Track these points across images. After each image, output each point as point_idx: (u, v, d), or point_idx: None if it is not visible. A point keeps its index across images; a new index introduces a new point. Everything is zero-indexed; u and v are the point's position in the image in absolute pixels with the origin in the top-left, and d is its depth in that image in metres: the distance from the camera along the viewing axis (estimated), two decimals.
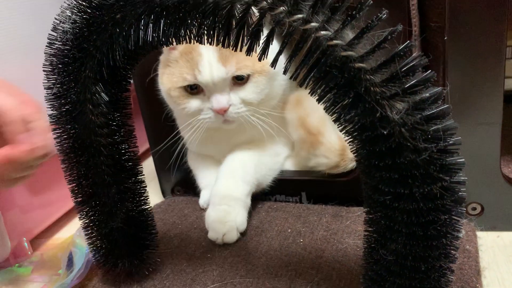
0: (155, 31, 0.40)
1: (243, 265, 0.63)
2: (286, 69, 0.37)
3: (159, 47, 0.43)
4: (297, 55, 0.36)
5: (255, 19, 0.36)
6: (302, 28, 0.34)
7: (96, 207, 0.55)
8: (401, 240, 0.40)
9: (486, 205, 0.69)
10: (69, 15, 0.43)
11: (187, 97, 0.70)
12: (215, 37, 0.38)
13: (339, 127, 0.38)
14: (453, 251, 0.40)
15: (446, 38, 0.61)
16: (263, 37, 0.36)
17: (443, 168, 0.35)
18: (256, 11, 0.35)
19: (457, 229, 0.39)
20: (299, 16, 0.34)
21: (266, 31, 0.36)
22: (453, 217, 0.38)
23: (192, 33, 0.39)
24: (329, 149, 0.74)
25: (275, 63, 0.37)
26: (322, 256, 0.64)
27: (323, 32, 0.34)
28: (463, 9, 0.60)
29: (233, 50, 0.38)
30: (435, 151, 0.34)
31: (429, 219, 0.37)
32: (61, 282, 0.66)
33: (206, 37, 0.38)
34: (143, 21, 0.40)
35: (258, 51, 0.37)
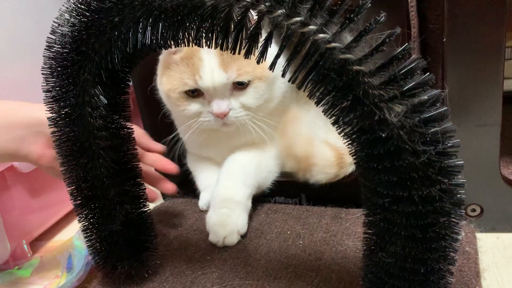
0: (154, 34, 0.40)
1: (243, 267, 0.63)
2: (284, 72, 0.37)
3: (158, 50, 0.43)
4: (295, 58, 0.36)
5: (253, 22, 0.36)
6: (300, 31, 0.34)
7: (95, 209, 0.55)
8: (400, 242, 0.40)
9: (485, 206, 0.69)
10: (68, 18, 0.43)
11: (186, 99, 0.70)
12: (214, 40, 0.38)
13: (337, 129, 0.38)
14: (453, 253, 0.40)
15: (445, 40, 0.61)
16: (261, 40, 0.36)
17: (441, 170, 0.35)
18: (254, 14, 0.35)
19: (456, 231, 0.39)
20: (297, 19, 0.34)
21: (264, 34, 0.36)
22: (452, 219, 0.38)
23: (190, 36, 0.39)
24: (325, 165, 0.74)
25: (273, 66, 0.37)
26: (321, 258, 0.63)
27: (321, 35, 0.34)
28: (461, 11, 0.60)
29: (232, 53, 0.38)
30: (433, 153, 0.34)
31: (428, 221, 0.37)
32: (60, 284, 0.66)
33: (204, 40, 0.38)
34: (141, 24, 0.40)
35: (256, 54, 0.37)
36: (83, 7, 0.42)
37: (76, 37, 0.44)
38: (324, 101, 0.37)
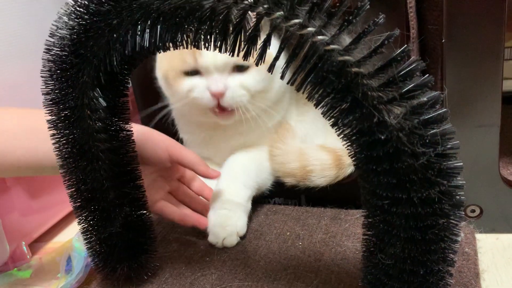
0: (152, 36, 0.40)
1: (242, 268, 0.63)
2: (283, 73, 0.37)
3: (157, 52, 0.43)
4: (294, 60, 0.36)
5: (252, 24, 0.36)
6: (299, 33, 0.34)
7: (94, 212, 0.55)
8: (399, 244, 0.40)
9: (485, 207, 0.69)
10: (66, 21, 0.43)
11: (183, 77, 0.69)
12: (212, 42, 0.38)
13: (336, 131, 0.38)
14: (452, 255, 0.40)
15: (444, 40, 0.61)
16: (260, 42, 0.36)
17: (441, 172, 0.35)
18: (253, 16, 0.35)
19: (455, 232, 0.39)
20: (296, 21, 0.34)
21: (263, 36, 0.36)
22: (452, 221, 0.38)
23: (189, 38, 0.39)
24: (323, 169, 0.74)
25: (272, 68, 0.37)
26: (321, 259, 0.63)
27: (320, 37, 0.34)
28: (460, 11, 0.60)
29: (231, 55, 0.38)
30: (433, 155, 0.34)
31: (427, 223, 0.37)
32: (60, 286, 0.66)
33: (203, 42, 0.38)
34: (139, 27, 0.40)
35: (255, 56, 0.37)
36: (81, 10, 0.42)
37: (74, 40, 0.44)
38: (323, 103, 0.37)
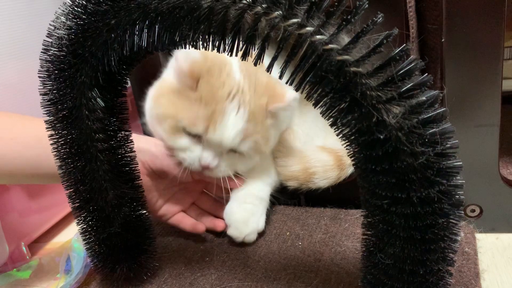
0: (150, 36, 0.39)
1: (242, 268, 0.63)
2: (282, 73, 0.37)
3: (155, 52, 0.43)
4: (293, 60, 0.36)
5: (250, 24, 0.35)
6: (297, 32, 0.34)
7: (93, 212, 0.55)
8: (399, 243, 0.39)
9: (484, 207, 0.68)
10: (64, 21, 0.43)
11: (181, 134, 0.63)
12: (211, 42, 0.37)
13: (335, 131, 0.38)
14: (452, 254, 0.40)
15: (443, 40, 0.61)
16: (258, 41, 0.36)
17: (440, 171, 0.35)
18: (251, 16, 0.35)
19: (455, 232, 0.39)
20: (294, 20, 0.34)
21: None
22: (451, 220, 0.38)
23: (187, 38, 0.38)
24: (325, 170, 0.73)
25: (270, 67, 0.37)
26: (320, 259, 0.63)
27: (319, 36, 0.33)
28: (460, 11, 0.60)
29: (230, 55, 0.38)
30: (432, 154, 0.34)
31: (427, 223, 0.37)
32: (59, 286, 0.66)
33: (201, 42, 0.38)
34: (137, 27, 0.40)
35: (254, 56, 0.37)
36: (79, 10, 0.42)
37: (72, 40, 0.44)
38: (321, 102, 0.37)
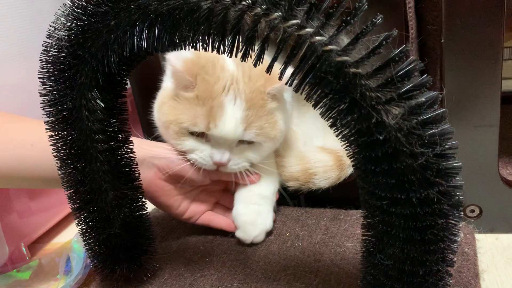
0: (150, 37, 0.39)
1: (242, 269, 0.63)
2: (281, 74, 0.37)
3: (154, 53, 0.43)
4: (292, 61, 0.36)
5: (250, 25, 0.35)
6: (297, 33, 0.34)
7: (93, 213, 0.55)
8: (398, 244, 0.39)
9: (484, 207, 0.69)
10: (64, 22, 0.43)
11: (186, 135, 0.65)
12: (210, 43, 0.37)
13: (335, 132, 0.38)
14: (451, 255, 0.40)
15: (442, 41, 0.61)
16: (258, 42, 0.36)
17: (439, 172, 0.35)
18: (250, 17, 0.35)
19: (454, 232, 0.39)
20: (294, 21, 0.34)
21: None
22: (451, 221, 0.38)
23: (187, 39, 0.38)
24: (325, 171, 0.73)
25: (270, 68, 0.37)
26: (320, 259, 0.63)
27: (318, 37, 0.34)
28: (459, 11, 0.60)
29: (229, 56, 0.38)
30: (431, 155, 0.34)
31: (426, 223, 0.37)
32: (59, 287, 0.66)
33: (201, 43, 0.38)
34: (137, 28, 0.40)
35: (253, 57, 0.37)
36: (79, 11, 0.42)
37: (72, 41, 0.44)
38: (321, 103, 0.37)
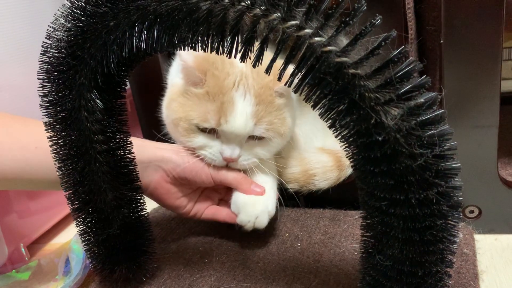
0: (149, 38, 0.39)
1: (241, 270, 0.63)
2: (280, 75, 0.37)
3: (154, 54, 0.43)
4: (291, 61, 0.36)
5: (249, 26, 0.35)
6: (296, 34, 0.34)
7: (92, 213, 0.55)
8: (397, 245, 0.39)
9: (483, 208, 0.69)
10: (63, 23, 0.43)
11: (195, 132, 0.65)
12: (209, 44, 0.37)
13: (334, 132, 0.38)
14: (450, 256, 0.40)
15: (442, 41, 0.61)
16: (257, 43, 0.36)
17: (438, 173, 0.35)
18: (249, 17, 0.35)
19: (453, 233, 0.39)
20: (293, 22, 0.34)
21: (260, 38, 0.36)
22: (450, 222, 0.38)
23: (186, 40, 0.38)
24: (325, 171, 0.73)
25: (269, 69, 0.37)
26: (319, 260, 0.63)
27: (317, 38, 0.34)
28: (459, 12, 0.60)
29: (228, 57, 0.38)
30: (430, 156, 0.34)
31: (425, 224, 0.37)
32: (58, 287, 0.66)
33: (200, 44, 0.38)
34: (136, 29, 0.40)
35: (252, 58, 0.37)
36: (78, 11, 0.42)
37: (71, 42, 0.44)
38: (320, 104, 0.37)
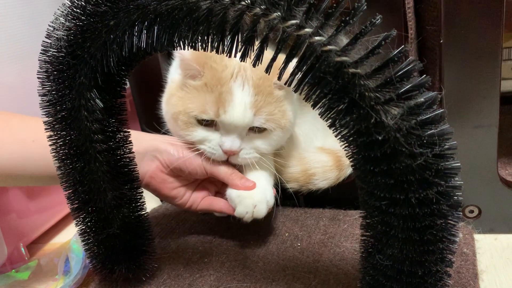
0: (149, 37, 0.39)
1: (240, 269, 0.63)
2: (280, 74, 0.37)
3: (154, 53, 0.43)
4: (291, 61, 0.36)
5: (249, 25, 0.35)
6: (296, 33, 0.34)
7: (92, 213, 0.55)
8: (397, 245, 0.39)
9: (483, 207, 0.69)
10: (63, 22, 0.43)
11: (195, 125, 0.64)
12: (209, 43, 0.37)
13: (334, 132, 0.38)
14: (450, 256, 0.40)
15: (442, 41, 0.61)
16: (257, 42, 0.36)
17: (438, 173, 0.35)
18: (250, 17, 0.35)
19: (453, 233, 0.39)
20: (293, 22, 0.34)
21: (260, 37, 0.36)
22: (450, 221, 0.38)
23: (186, 39, 0.38)
24: (324, 171, 0.73)
25: (269, 69, 0.37)
26: (319, 260, 0.63)
27: (317, 37, 0.34)
28: (458, 12, 0.60)
29: (228, 56, 0.38)
30: (430, 156, 0.34)
31: (425, 224, 0.37)
32: (58, 287, 0.66)
33: (200, 43, 0.38)
34: (136, 28, 0.40)
35: (252, 57, 0.37)
36: (78, 11, 0.42)
37: (71, 41, 0.44)
38: (320, 104, 0.37)
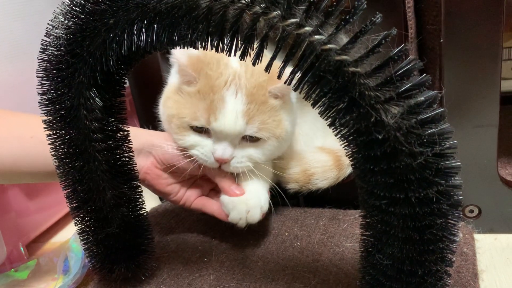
0: (149, 36, 0.39)
1: (240, 269, 0.63)
2: (280, 73, 0.37)
3: (153, 52, 0.43)
4: (291, 59, 0.36)
5: (248, 24, 0.35)
6: (295, 32, 0.34)
7: (91, 212, 0.55)
8: (397, 244, 0.39)
9: (483, 207, 0.69)
10: (62, 20, 0.43)
11: (187, 130, 0.64)
12: (209, 42, 0.37)
13: (334, 131, 0.38)
14: (450, 255, 0.40)
15: (442, 40, 0.61)
16: (256, 41, 0.36)
17: (438, 172, 0.35)
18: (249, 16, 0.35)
19: (453, 233, 0.39)
20: (293, 20, 0.34)
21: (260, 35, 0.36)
22: (450, 221, 0.38)
23: (185, 38, 0.38)
24: (324, 171, 0.73)
25: (269, 67, 0.37)
26: (319, 259, 0.63)
27: (317, 36, 0.33)
28: (459, 11, 0.60)
29: (228, 55, 0.38)
30: (430, 155, 0.34)
31: (425, 223, 0.37)
32: (57, 286, 0.66)
33: (199, 42, 0.38)
34: (136, 26, 0.40)
35: (252, 56, 0.37)
36: (77, 9, 0.42)
37: (70, 40, 0.43)
38: (320, 103, 0.36)
